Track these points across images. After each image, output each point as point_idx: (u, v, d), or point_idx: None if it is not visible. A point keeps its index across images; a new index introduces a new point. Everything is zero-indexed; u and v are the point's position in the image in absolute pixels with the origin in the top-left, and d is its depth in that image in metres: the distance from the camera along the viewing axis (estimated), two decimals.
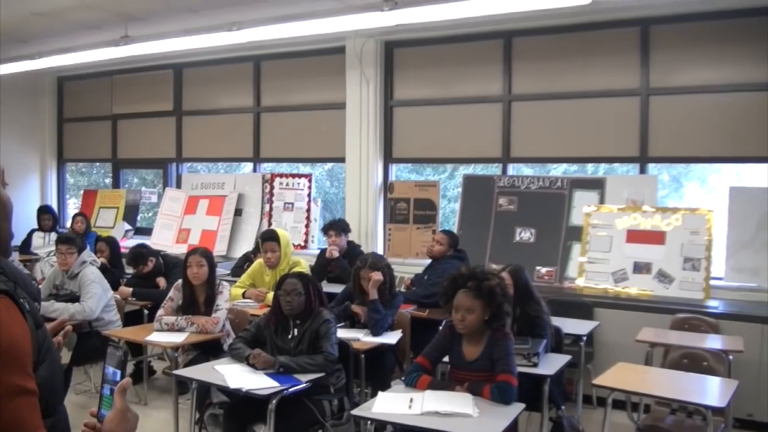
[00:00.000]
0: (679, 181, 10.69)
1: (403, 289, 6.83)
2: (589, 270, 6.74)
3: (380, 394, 3.88)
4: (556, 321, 5.32)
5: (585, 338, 5.47)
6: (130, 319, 6.67)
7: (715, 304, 6.08)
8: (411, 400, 3.68)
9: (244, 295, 6.44)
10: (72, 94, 11.59)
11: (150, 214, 11.10)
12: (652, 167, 7.09)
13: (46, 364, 1.67)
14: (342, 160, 8.49)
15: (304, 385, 4.22)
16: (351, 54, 8.20)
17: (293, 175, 8.98)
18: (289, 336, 4.65)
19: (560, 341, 5.04)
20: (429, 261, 6.71)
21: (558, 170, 8.38)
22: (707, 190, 10.14)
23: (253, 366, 4.40)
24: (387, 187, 8.25)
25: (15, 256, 8.93)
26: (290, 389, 4.13)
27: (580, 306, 6.27)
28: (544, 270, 7.01)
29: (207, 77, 9.88)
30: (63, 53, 8.41)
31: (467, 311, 3.87)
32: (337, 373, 4.62)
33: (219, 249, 9.08)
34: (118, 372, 1.78)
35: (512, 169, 7.68)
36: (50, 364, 1.70)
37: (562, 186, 7.15)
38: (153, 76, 10.30)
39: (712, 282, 6.31)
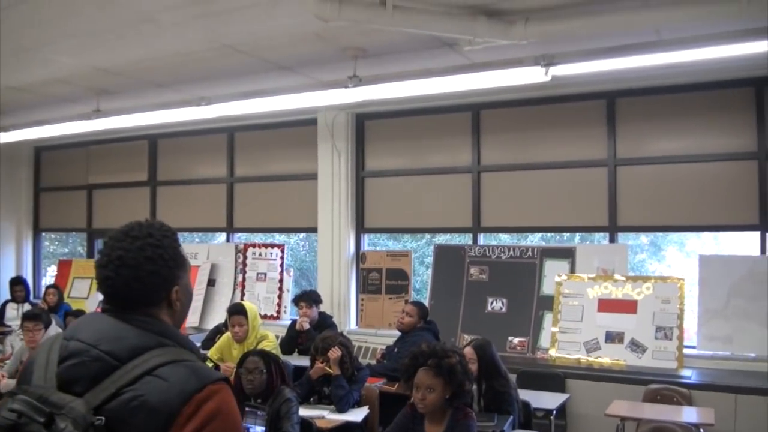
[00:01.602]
0: (658, 245, 10.74)
1: (374, 362, 6.77)
2: (561, 340, 6.70)
3: None
4: (528, 394, 5.26)
5: (555, 412, 5.38)
6: None
7: (688, 374, 6.04)
8: None
9: None
10: (49, 164, 11.60)
11: None
12: (622, 236, 7.11)
13: None
14: (314, 230, 8.48)
15: None
16: (322, 126, 8.26)
17: (266, 245, 8.95)
18: None
19: (529, 416, 4.97)
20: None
21: (549, 236, 8.39)
22: (685, 254, 10.20)
23: None
24: (359, 257, 8.22)
25: None
26: None
27: (552, 378, 6.21)
28: (516, 340, 6.96)
29: (181, 148, 9.91)
30: (37, 125, 8.46)
31: (428, 390, 3.82)
32: None
33: (191, 320, 9.00)
34: (263, 429, 2.00)
35: (482, 238, 7.68)
36: None
37: (533, 255, 7.15)
38: (128, 146, 10.31)
39: (685, 351, 6.29)
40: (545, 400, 5.49)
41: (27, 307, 9.50)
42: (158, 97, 7.42)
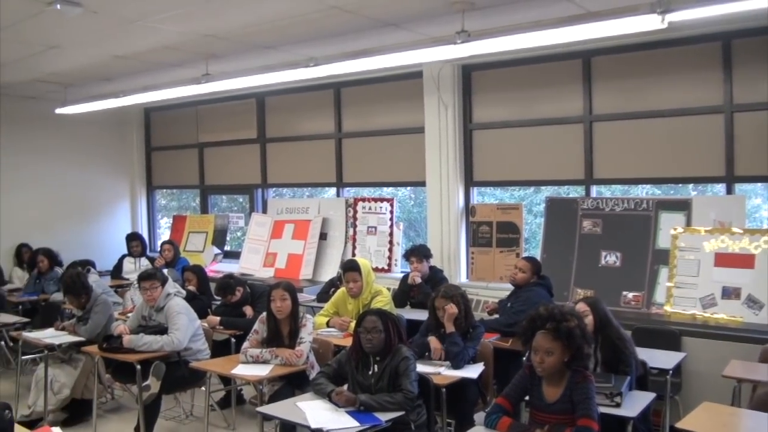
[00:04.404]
0: None
1: (485, 312, 6.80)
2: (676, 295, 6.57)
3: None
4: (644, 352, 5.18)
5: (671, 371, 5.31)
6: (218, 347, 6.80)
7: None
8: None
9: (328, 324, 6.51)
10: (159, 125, 12.05)
11: (239, 234, 11.35)
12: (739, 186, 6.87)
13: None
14: (423, 183, 8.50)
15: (384, 424, 4.25)
16: (428, 79, 8.23)
17: (375, 199, 9.05)
18: (370, 372, 4.69)
19: (646, 376, 4.91)
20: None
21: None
22: None
23: (335, 403, 4.45)
24: (469, 210, 8.22)
25: (107, 281, 9.28)
26: (370, 429, 4.17)
27: (668, 335, 6.09)
28: (630, 295, 6.86)
29: (289, 105, 10.08)
30: (146, 91, 8.68)
31: (546, 353, 3.83)
32: (417, 410, 4.62)
33: (305, 273, 9.25)
34: None
35: (594, 190, 7.56)
36: None
37: (648, 207, 6.99)
38: (236, 105, 10.57)
39: None
40: (661, 358, 5.40)
41: (144, 261, 9.94)
42: (266, 58, 7.48)
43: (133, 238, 10.40)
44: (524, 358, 4.65)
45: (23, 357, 7.17)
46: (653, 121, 7.11)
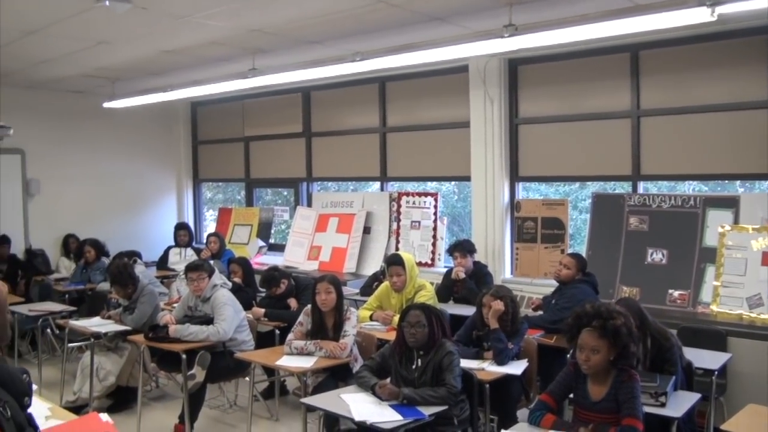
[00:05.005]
0: None
1: (530, 309, 6.77)
2: (723, 294, 6.46)
3: None
4: (689, 352, 5.12)
5: (717, 372, 5.23)
6: (263, 338, 6.87)
7: None
8: None
9: (371, 318, 6.53)
10: (205, 119, 12.18)
11: (283, 227, 11.43)
12: None
13: None
14: (468, 178, 8.46)
15: (427, 418, 4.26)
16: (474, 73, 8.18)
17: (419, 194, 9.03)
18: (413, 366, 4.71)
19: (691, 376, 4.85)
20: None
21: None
22: None
23: (378, 396, 4.47)
24: (514, 205, 8.17)
25: (153, 272, 9.40)
26: (413, 423, 4.18)
27: (713, 335, 5.99)
28: (676, 293, 6.77)
29: (334, 99, 10.12)
30: (193, 85, 8.79)
31: (592, 351, 3.81)
32: (460, 405, 4.63)
33: (349, 266, 9.28)
34: None
35: (641, 186, 7.46)
36: None
37: (695, 205, 6.89)
38: (282, 99, 10.64)
39: None
40: (707, 359, 5.32)
41: (190, 251, 10.06)
42: (312, 53, 7.53)
43: (180, 227, 10.56)
44: (569, 356, 4.62)
45: (69, 345, 7.33)
46: (701, 116, 6.99)
